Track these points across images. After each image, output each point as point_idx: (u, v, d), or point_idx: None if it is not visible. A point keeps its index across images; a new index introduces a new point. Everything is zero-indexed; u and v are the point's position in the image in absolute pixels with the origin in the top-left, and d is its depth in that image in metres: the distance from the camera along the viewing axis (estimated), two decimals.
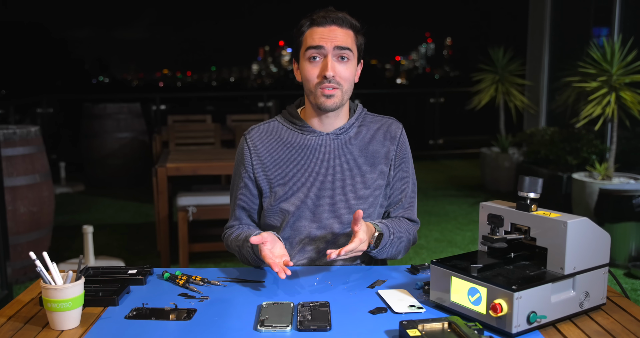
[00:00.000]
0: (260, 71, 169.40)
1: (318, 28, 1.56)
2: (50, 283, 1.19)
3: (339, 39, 1.55)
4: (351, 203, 1.62)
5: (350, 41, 1.57)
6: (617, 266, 3.81)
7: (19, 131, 3.59)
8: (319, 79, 1.56)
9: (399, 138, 1.68)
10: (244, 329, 1.18)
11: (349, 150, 1.63)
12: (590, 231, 1.22)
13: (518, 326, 1.11)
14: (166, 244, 3.68)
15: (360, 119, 1.68)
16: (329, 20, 1.56)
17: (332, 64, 1.54)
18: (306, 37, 1.58)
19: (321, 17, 1.56)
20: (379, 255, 1.58)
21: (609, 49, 4.60)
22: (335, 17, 1.56)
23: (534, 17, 6.65)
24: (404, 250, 1.66)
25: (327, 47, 1.54)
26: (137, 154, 6.77)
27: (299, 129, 1.65)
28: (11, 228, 3.44)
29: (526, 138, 5.88)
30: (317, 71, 1.56)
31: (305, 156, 1.62)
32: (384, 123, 1.69)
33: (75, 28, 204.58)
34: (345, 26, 1.57)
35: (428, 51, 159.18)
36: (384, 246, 1.55)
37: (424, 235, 4.69)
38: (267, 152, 1.64)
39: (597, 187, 4.13)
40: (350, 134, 1.65)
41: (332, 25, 1.56)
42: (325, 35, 1.55)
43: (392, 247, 1.59)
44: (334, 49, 1.55)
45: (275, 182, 1.63)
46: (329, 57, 1.55)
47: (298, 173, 1.62)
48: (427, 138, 8.96)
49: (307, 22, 1.59)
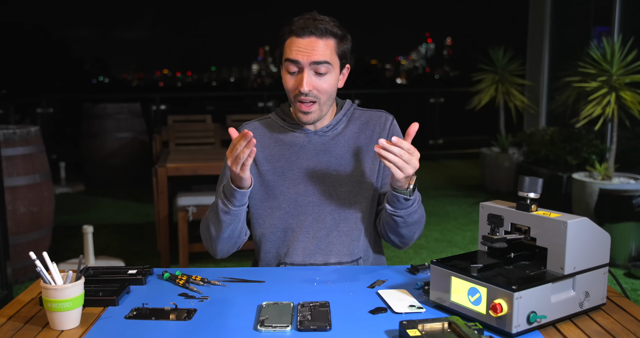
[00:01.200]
0: (260, 71, 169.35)
1: (296, 39, 1.53)
2: (50, 283, 1.19)
3: (316, 53, 1.51)
4: (342, 197, 1.62)
5: (330, 52, 1.54)
6: (617, 266, 3.81)
7: (19, 131, 3.59)
8: (296, 91, 1.55)
9: (388, 128, 1.67)
10: (244, 329, 1.18)
11: (337, 146, 1.64)
12: (590, 231, 1.22)
13: (518, 326, 1.11)
14: (166, 244, 3.68)
15: (348, 115, 1.68)
16: (307, 32, 1.51)
17: (308, 79, 1.52)
18: (285, 47, 1.56)
19: (300, 28, 1.52)
20: (409, 211, 1.52)
21: (609, 49, 4.60)
22: (314, 28, 1.51)
23: (534, 17, 6.65)
24: (421, 227, 1.61)
25: (303, 61, 1.52)
26: (137, 154, 6.77)
27: (288, 126, 1.66)
28: (11, 228, 3.44)
29: (526, 138, 5.88)
30: (295, 83, 1.55)
31: (295, 152, 1.64)
32: (373, 116, 1.69)
33: (75, 28, 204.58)
34: (326, 36, 1.53)
35: (428, 51, 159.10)
36: (415, 200, 1.51)
37: (424, 235, 4.69)
38: (260, 147, 1.65)
39: (597, 187, 4.13)
40: (337, 130, 1.66)
41: (311, 36, 1.52)
42: (302, 48, 1.52)
43: (419, 208, 1.55)
44: (311, 64, 1.52)
45: (266, 177, 1.64)
46: (305, 72, 1.52)
47: (288, 169, 1.63)
48: (427, 138, 8.96)
49: (287, 31, 1.55)
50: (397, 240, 1.62)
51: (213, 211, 1.57)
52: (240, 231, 1.60)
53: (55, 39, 47.02)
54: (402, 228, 1.57)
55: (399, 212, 1.52)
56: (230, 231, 1.57)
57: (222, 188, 1.54)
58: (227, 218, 1.53)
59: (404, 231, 1.58)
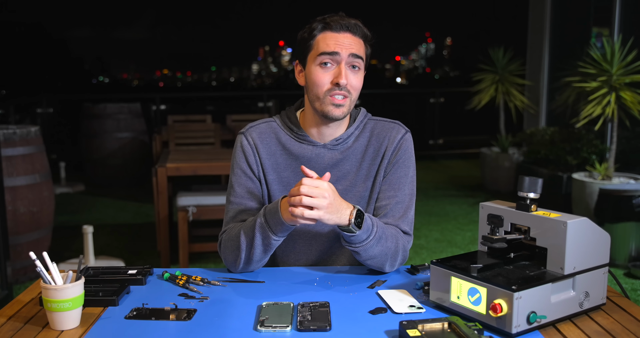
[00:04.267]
0: (260, 71, 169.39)
1: (332, 33, 1.51)
2: (50, 283, 1.19)
3: (353, 47, 1.50)
4: None
5: (362, 50, 1.53)
6: (617, 266, 3.81)
7: (19, 131, 3.59)
8: (330, 85, 1.50)
9: (396, 143, 1.59)
10: (244, 329, 1.18)
11: (345, 160, 1.59)
12: (590, 231, 1.22)
13: (518, 326, 1.11)
14: (166, 244, 3.68)
15: (360, 127, 1.62)
16: (343, 27, 1.50)
17: (345, 72, 1.49)
18: (318, 41, 1.52)
19: (336, 22, 1.50)
20: (363, 246, 1.42)
21: (609, 49, 4.60)
22: (349, 24, 1.51)
23: (534, 17, 6.65)
24: (390, 259, 1.49)
25: (342, 54, 1.49)
26: (137, 154, 6.77)
27: (296, 137, 1.60)
28: (11, 228, 3.44)
29: (526, 138, 5.88)
30: (329, 77, 1.50)
31: (301, 164, 1.59)
32: (385, 128, 1.62)
33: (75, 28, 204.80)
34: (358, 34, 1.52)
35: (428, 51, 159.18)
36: (368, 232, 1.41)
37: (424, 235, 4.69)
38: (267, 154, 1.60)
39: (597, 187, 4.13)
40: (348, 143, 1.60)
41: (347, 32, 1.51)
42: (340, 41, 1.50)
43: (379, 244, 1.44)
44: (349, 57, 1.50)
45: (271, 186, 1.60)
46: (342, 65, 1.50)
47: (294, 181, 1.59)
48: (427, 138, 8.97)
49: (320, 25, 1.52)
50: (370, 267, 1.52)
51: (248, 235, 1.48)
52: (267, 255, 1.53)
53: (55, 39, 47.00)
54: (365, 261, 1.47)
55: (353, 247, 1.44)
56: (262, 256, 1.51)
57: (266, 217, 1.45)
58: (263, 245, 1.47)
59: (369, 263, 1.48)
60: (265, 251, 1.49)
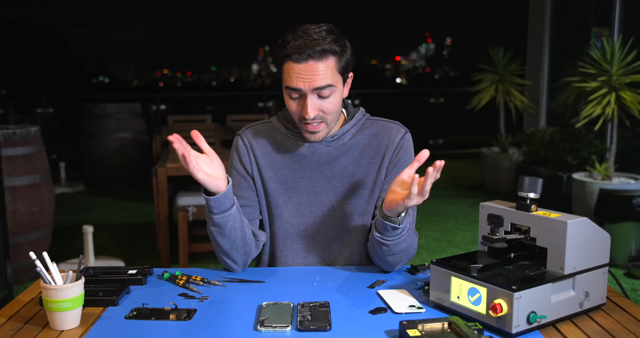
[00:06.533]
0: (260, 71, 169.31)
1: (294, 65, 1.43)
2: (50, 283, 1.19)
3: (317, 78, 1.43)
4: (343, 210, 1.60)
5: (331, 73, 1.45)
6: (617, 266, 3.81)
7: (19, 131, 3.59)
8: (300, 115, 1.49)
9: (397, 142, 1.58)
10: (244, 329, 1.18)
11: (341, 157, 1.59)
12: (590, 231, 1.22)
13: (518, 326, 1.11)
14: (166, 244, 3.68)
15: (358, 126, 1.61)
16: (304, 56, 1.42)
17: (312, 105, 1.46)
18: (284, 73, 1.47)
19: (296, 52, 1.42)
20: (396, 240, 1.43)
21: (609, 49, 4.60)
22: (311, 52, 1.42)
23: (534, 17, 6.65)
24: (409, 256, 1.51)
25: (304, 88, 1.44)
26: (137, 154, 6.77)
27: (292, 134, 1.60)
28: (11, 228, 3.44)
29: (526, 138, 5.88)
30: (299, 108, 1.48)
31: (298, 161, 1.59)
32: (385, 127, 1.61)
33: (75, 28, 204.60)
34: (325, 57, 1.43)
35: (428, 51, 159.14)
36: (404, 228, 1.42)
37: (424, 235, 4.69)
38: (263, 153, 1.61)
39: (597, 187, 4.13)
40: (344, 140, 1.59)
41: (309, 60, 1.42)
42: (302, 74, 1.43)
43: (408, 237, 1.46)
44: (313, 91, 1.45)
45: (268, 184, 1.61)
46: (308, 98, 1.45)
47: (291, 178, 1.60)
48: (427, 138, 8.96)
49: (283, 55, 1.46)
50: (381, 265, 1.53)
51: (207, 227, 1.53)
52: (243, 240, 1.52)
53: (55, 39, 46.97)
54: (387, 256, 1.47)
55: (387, 241, 1.43)
56: (229, 242, 1.50)
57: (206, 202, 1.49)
58: (214, 229, 1.48)
59: (390, 259, 1.48)
60: (222, 234, 1.49)
